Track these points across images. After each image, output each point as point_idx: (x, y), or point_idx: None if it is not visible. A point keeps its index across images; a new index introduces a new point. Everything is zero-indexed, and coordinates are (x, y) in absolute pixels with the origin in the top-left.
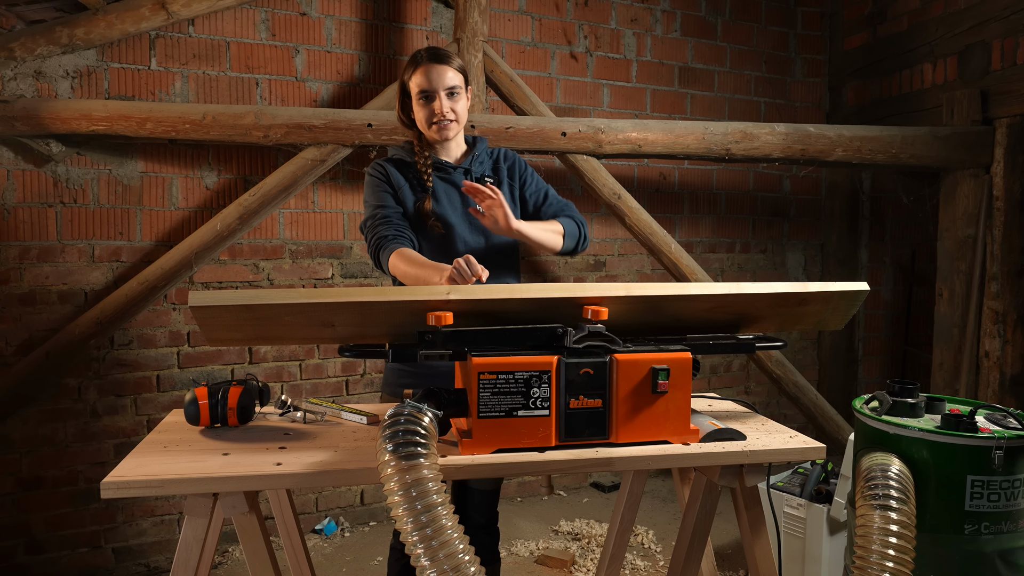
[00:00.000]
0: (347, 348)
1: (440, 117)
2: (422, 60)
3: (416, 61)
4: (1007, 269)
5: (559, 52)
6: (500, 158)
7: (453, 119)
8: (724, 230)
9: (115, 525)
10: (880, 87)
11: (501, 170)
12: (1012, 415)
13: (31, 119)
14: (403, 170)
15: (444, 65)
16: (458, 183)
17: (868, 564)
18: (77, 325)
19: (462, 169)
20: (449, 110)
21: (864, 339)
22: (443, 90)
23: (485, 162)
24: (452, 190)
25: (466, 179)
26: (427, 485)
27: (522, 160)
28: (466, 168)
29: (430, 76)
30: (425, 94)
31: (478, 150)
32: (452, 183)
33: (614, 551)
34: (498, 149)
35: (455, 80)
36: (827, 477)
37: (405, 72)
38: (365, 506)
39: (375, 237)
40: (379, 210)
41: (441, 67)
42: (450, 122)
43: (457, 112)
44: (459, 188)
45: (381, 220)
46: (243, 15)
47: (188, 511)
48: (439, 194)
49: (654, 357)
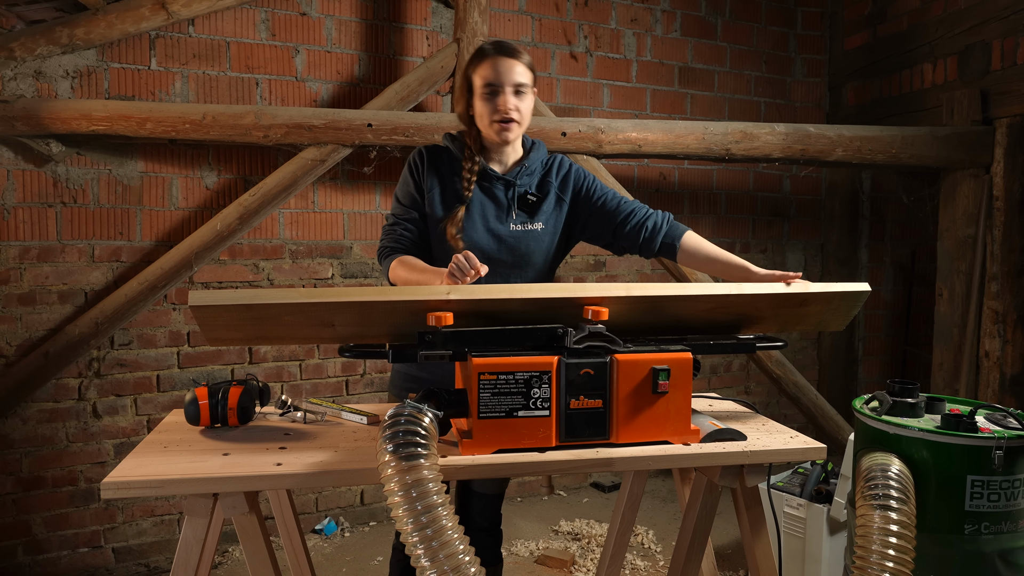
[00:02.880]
0: (347, 348)
1: (504, 114)
2: (489, 52)
3: (483, 53)
4: (1007, 269)
5: (559, 52)
6: (553, 170)
7: (517, 119)
8: (724, 230)
9: (115, 525)
10: (880, 87)
11: (550, 184)
12: (1012, 415)
13: (31, 119)
14: (443, 166)
15: (513, 59)
16: (498, 196)
17: (868, 564)
18: (77, 325)
19: (504, 182)
20: (515, 108)
21: (864, 339)
22: (510, 85)
23: (535, 172)
24: (488, 202)
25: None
26: (427, 485)
27: (580, 168)
28: (509, 180)
29: (498, 69)
30: (491, 88)
31: (531, 160)
32: (492, 195)
33: (614, 551)
34: (554, 157)
35: (524, 77)
36: (827, 477)
37: (469, 65)
38: (365, 506)
39: (382, 245)
40: (396, 214)
41: (510, 61)
42: (513, 123)
43: (522, 112)
44: (498, 202)
45: (391, 228)
46: (243, 15)
47: (188, 511)
48: (472, 203)
49: (654, 357)
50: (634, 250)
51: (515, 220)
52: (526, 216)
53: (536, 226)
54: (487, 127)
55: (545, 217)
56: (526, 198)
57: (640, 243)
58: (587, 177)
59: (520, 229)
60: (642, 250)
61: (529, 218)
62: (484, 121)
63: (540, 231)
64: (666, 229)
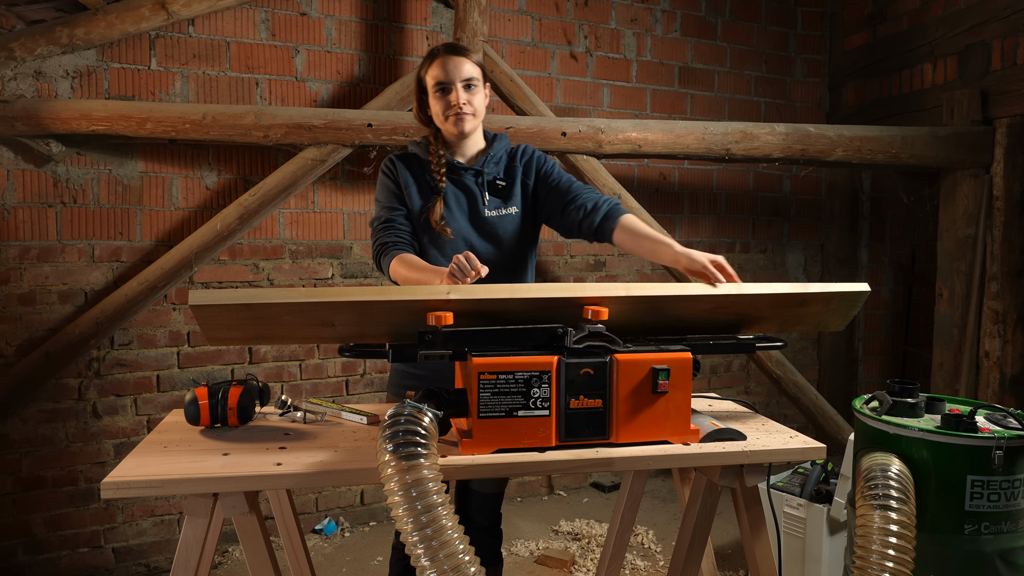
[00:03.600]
0: (347, 348)
1: (457, 108)
2: (439, 53)
3: (433, 55)
4: (1007, 269)
5: (559, 52)
6: (517, 155)
7: (470, 112)
8: (724, 230)
9: (115, 525)
10: (880, 87)
11: (516, 168)
12: (1012, 415)
13: (31, 119)
14: (415, 168)
15: (461, 57)
16: (469, 186)
17: (868, 564)
18: (77, 325)
19: (473, 171)
20: (466, 102)
21: (864, 339)
22: (460, 81)
23: (501, 160)
24: (460, 193)
25: (477, 182)
26: (427, 485)
27: (541, 153)
28: (477, 169)
29: (447, 67)
30: (441, 86)
31: (495, 149)
32: (463, 185)
33: (614, 551)
34: (518, 146)
35: (473, 72)
36: (827, 477)
37: (422, 67)
38: (365, 506)
39: (377, 243)
40: (384, 212)
41: (458, 59)
42: (467, 114)
43: (474, 105)
44: (469, 191)
45: (384, 224)
46: (243, 15)
47: (188, 511)
48: (448, 198)
49: (654, 357)
50: (576, 230)
51: (489, 206)
52: (499, 201)
53: (511, 210)
54: (443, 123)
55: (517, 200)
56: (495, 184)
57: (580, 221)
58: (547, 161)
59: (496, 215)
60: (583, 230)
61: (503, 203)
62: (439, 118)
63: (515, 214)
64: (606, 210)
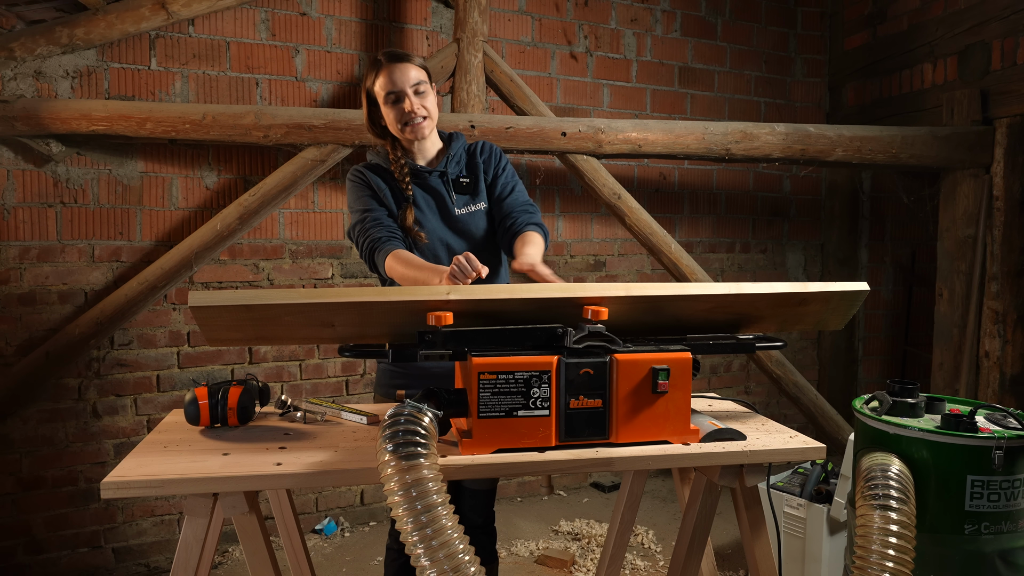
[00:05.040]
0: (347, 348)
1: (412, 115)
2: (382, 63)
3: (376, 65)
4: (1007, 269)
5: (559, 52)
6: (476, 152)
7: (425, 115)
8: (724, 230)
9: (115, 525)
10: (880, 87)
11: (477, 165)
12: (1012, 415)
13: (31, 119)
14: (382, 176)
15: (406, 63)
16: (436, 187)
17: (868, 564)
18: (77, 325)
19: (437, 172)
20: (420, 107)
21: (864, 339)
22: (409, 87)
23: (462, 159)
24: (428, 196)
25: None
26: (427, 485)
27: (499, 150)
28: (441, 171)
29: (393, 76)
30: (393, 95)
31: (453, 149)
32: (429, 187)
33: (614, 551)
34: (475, 143)
35: (420, 76)
36: (827, 477)
37: (366, 79)
38: (365, 506)
39: (367, 240)
40: (367, 214)
41: (403, 65)
42: (423, 119)
43: (428, 108)
44: (437, 192)
45: (372, 223)
46: (243, 15)
47: (188, 511)
48: (419, 201)
49: (654, 357)
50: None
51: (458, 204)
52: (467, 198)
53: (480, 206)
54: (400, 132)
55: (483, 196)
56: (460, 182)
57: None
58: (502, 160)
59: (466, 212)
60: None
61: (471, 199)
62: (395, 127)
63: (483, 210)
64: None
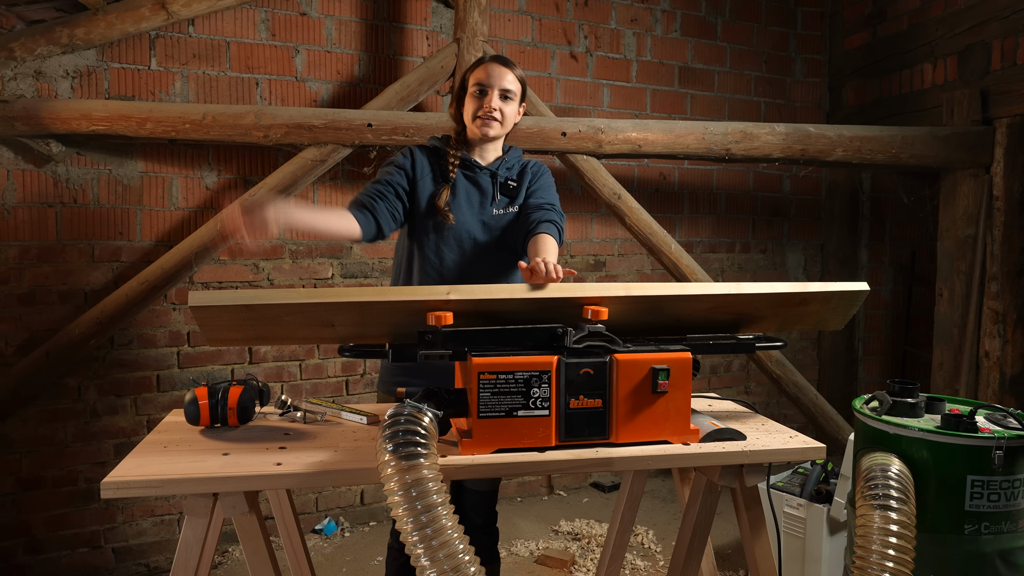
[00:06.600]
0: (347, 348)
1: (489, 111)
2: (486, 58)
3: (481, 59)
4: (1007, 269)
5: (559, 52)
6: (528, 167)
7: (499, 118)
8: (724, 230)
9: (115, 525)
10: (880, 87)
11: (525, 175)
12: (1012, 415)
13: (31, 119)
14: (431, 157)
15: (505, 68)
16: (483, 184)
17: (868, 564)
18: (77, 325)
19: (488, 171)
20: (498, 109)
21: (864, 339)
22: (498, 88)
23: (514, 168)
24: (473, 189)
25: (492, 182)
26: (427, 485)
27: (546, 169)
28: (492, 171)
29: (490, 72)
30: (480, 87)
31: (509, 158)
32: (476, 183)
33: (614, 551)
34: (529, 160)
35: (513, 85)
36: (827, 477)
37: (468, 70)
38: (365, 506)
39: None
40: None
41: (502, 68)
42: (495, 120)
43: (504, 113)
44: (482, 189)
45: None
46: (243, 15)
47: (188, 511)
48: (458, 189)
49: (654, 357)
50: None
51: (499, 205)
52: (507, 200)
53: (515, 209)
54: (471, 123)
55: (519, 201)
56: (507, 184)
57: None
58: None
59: (501, 213)
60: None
61: (510, 203)
62: (469, 118)
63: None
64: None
